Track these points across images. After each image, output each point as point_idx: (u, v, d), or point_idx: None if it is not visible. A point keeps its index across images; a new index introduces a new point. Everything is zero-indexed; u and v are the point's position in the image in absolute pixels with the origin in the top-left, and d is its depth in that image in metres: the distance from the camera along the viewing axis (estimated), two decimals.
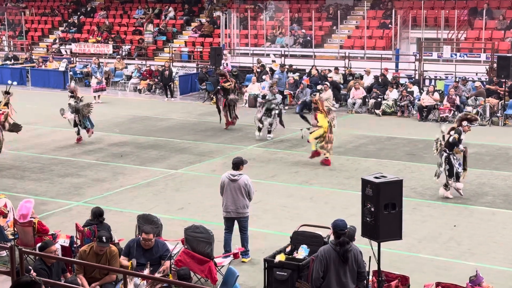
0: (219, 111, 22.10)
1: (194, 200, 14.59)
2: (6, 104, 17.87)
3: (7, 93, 18.15)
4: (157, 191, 15.29)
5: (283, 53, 30.80)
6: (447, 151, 14.34)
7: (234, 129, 21.40)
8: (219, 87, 22.27)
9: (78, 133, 20.18)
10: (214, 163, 17.70)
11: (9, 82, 29.09)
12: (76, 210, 13.90)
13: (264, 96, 20.62)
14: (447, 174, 14.41)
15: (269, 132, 20.52)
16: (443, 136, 14.47)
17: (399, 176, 8.79)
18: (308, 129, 17.80)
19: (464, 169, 14.60)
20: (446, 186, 14.51)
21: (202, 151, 19.04)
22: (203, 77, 28.95)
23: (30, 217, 11.06)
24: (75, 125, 20.06)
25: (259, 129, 20.31)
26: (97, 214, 10.61)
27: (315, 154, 17.46)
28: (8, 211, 11.98)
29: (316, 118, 17.51)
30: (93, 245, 9.55)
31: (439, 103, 23.66)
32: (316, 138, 17.32)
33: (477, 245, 12.02)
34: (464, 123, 14.48)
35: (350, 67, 28.26)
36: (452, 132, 14.38)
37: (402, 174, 15.56)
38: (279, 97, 20.80)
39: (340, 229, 8.07)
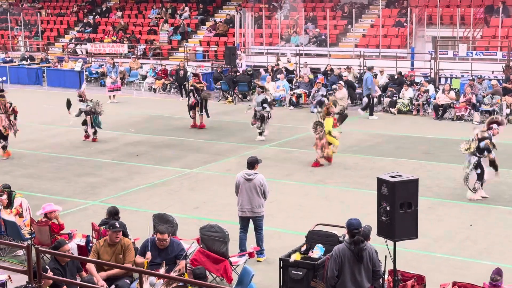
0: (189, 110, 22.20)
1: (209, 199, 14.61)
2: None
3: (1, 91, 18.33)
4: (172, 191, 15.33)
5: (298, 52, 30.76)
6: (478, 155, 14.11)
7: (248, 129, 21.36)
8: (191, 87, 22.32)
9: (93, 133, 20.26)
10: (229, 163, 17.71)
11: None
12: (92, 209, 13.96)
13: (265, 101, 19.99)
14: (476, 177, 14.18)
15: (260, 134, 20.12)
16: (475, 139, 14.18)
17: (414, 175, 8.76)
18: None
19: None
20: (474, 189, 14.32)
21: (217, 150, 19.06)
22: (218, 77, 28.98)
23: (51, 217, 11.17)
24: (84, 123, 20.14)
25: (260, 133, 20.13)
26: (113, 213, 10.66)
27: (329, 159, 17.33)
28: (24, 211, 12.05)
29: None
30: (106, 238, 9.65)
31: (455, 102, 23.54)
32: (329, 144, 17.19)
33: (494, 245, 11.95)
34: (494, 126, 14.28)
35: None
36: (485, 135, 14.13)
37: (417, 173, 15.46)
38: (262, 97, 20.08)
39: (355, 228, 8.05)
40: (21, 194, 12.59)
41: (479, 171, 14.11)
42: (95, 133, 20.32)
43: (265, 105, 19.84)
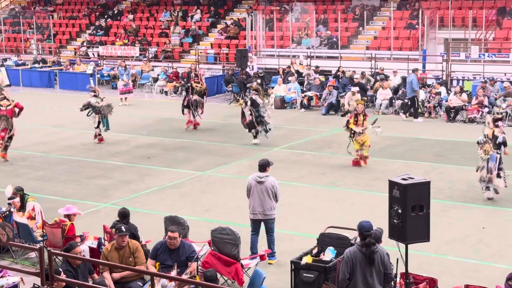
0: (183, 110, 22.23)
1: (220, 202, 14.62)
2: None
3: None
4: (183, 193, 15.35)
5: (309, 54, 30.74)
6: (498, 152, 14.15)
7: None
8: (189, 85, 22.38)
9: (100, 134, 20.41)
10: (240, 165, 17.72)
11: None
12: (103, 212, 14.01)
13: (253, 101, 19.78)
14: (498, 174, 14.24)
15: (255, 137, 19.92)
16: (487, 139, 14.15)
17: (426, 177, 8.73)
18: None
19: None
20: (488, 188, 14.33)
21: (228, 153, 19.07)
22: (229, 79, 29.01)
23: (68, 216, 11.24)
24: (98, 125, 20.33)
25: (255, 136, 19.91)
26: (123, 215, 10.69)
27: (357, 163, 17.32)
28: (36, 214, 12.10)
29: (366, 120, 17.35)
30: (114, 242, 9.67)
31: (467, 104, 23.45)
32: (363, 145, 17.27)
33: (506, 247, 11.88)
34: (500, 123, 14.29)
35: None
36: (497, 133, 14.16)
37: (429, 176, 15.42)
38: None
39: (366, 230, 8.02)
40: (34, 197, 12.65)
41: (501, 165, 14.24)
42: (100, 133, 20.46)
43: (258, 108, 19.56)
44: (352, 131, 17.17)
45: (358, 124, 17.14)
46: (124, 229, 9.64)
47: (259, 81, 21.23)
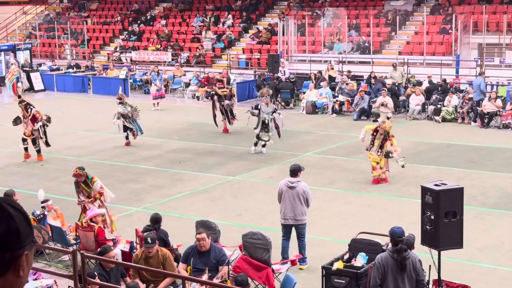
0: (214, 117, 22.22)
1: (251, 207, 14.63)
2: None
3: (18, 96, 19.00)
4: (214, 198, 15.40)
5: (341, 59, 30.66)
6: None
7: (290, 137, 21.35)
8: (213, 92, 22.37)
9: (127, 138, 20.68)
10: (271, 170, 17.72)
11: None
12: (136, 216, 14.11)
13: (256, 107, 19.64)
14: None
15: (264, 146, 19.48)
16: None
17: (459, 183, 8.65)
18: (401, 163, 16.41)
19: None
20: None
21: (259, 157, 19.08)
22: (261, 84, 29.04)
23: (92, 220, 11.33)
24: (125, 130, 20.55)
25: (255, 144, 19.55)
26: (155, 220, 10.75)
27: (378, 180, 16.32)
28: (105, 192, 12.34)
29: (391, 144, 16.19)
30: (143, 249, 9.71)
31: (501, 110, 23.17)
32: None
33: None
34: None
35: (412, 76, 27.65)
36: None
37: (462, 182, 15.25)
38: (271, 108, 19.61)
39: (398, 236, 7.97)
40: (95, 176, 12.76)
41: None
42: (127, 137, 20.66)
43: (274, 114, 19.27)
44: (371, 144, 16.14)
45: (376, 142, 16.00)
46: (150, 241, 9.51)
47: (270, 90, 21.11)
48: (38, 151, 18.97)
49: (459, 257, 10.90)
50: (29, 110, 18.66)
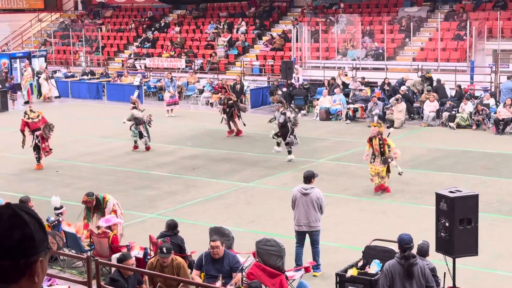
0: (230, 122, 22.75)
1: (265, 213, 14.61)
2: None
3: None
4: (228, 204, 15.40)
5: (355, 66, 30.62)
6: None
7: (304, 143, 21.31)
8: (231, 101, 22.82)
9: (136, 142, 20.96)
10: (285, 176, 17.70)
11: None
12: (149, 222, 14.13)
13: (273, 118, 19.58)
14: None
15: (289, 152, 19.09)
16: None
17: (474, 190, 8.60)
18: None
19: None
20: None
21: (273, 164, 19.07)
22: (274, 91, 29.05)
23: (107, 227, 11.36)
24: (140, 136, 20.63)
25: (278, 144, 19.54)
26: (172, 227, 10.77)
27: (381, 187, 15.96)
28: (117, 208, 12.28)
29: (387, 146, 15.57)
30: (158, 257, 9.71)
31: None
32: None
33: None
34: None
35: (427, 72, 27.53)
36: None
37: (477, 189, 15.16)
38: (288, 114, 19.22)
39: (406, 243, 7.94)
40: (106, 195, 12.69)
41: None
42: (136, 141, 20.80)
43: (286, 120, 19.02)
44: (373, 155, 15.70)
45: (375, 149, 15.54)
46: (165, 251, 9.47)
47: (280, 92, 21.12)
48: (38, 159, 19.00)
49: (474, 264, 10.83)
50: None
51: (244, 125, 22.74)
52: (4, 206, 2.33)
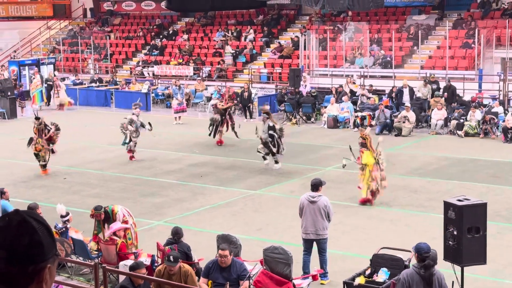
0: (233, 128, 22.68)
1: (272, 221, 14.60)
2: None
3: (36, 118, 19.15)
4: (235, 212, 15.39)
5: (363, 74, 30.60)
6: None
7: (311, 151, 21.27)
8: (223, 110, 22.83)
9: (125, 144, 20.80)
10: (292, 184, 17.69)
11: None
12: (157, 229, 14.14)
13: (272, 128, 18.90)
14: None
15: (276, 162, 18.94)
16: None
17: (482, 199, 8.57)
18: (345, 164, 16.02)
19: None
20: None
21: (280, 172, 19.05)
22: (282, 98, 29.07)
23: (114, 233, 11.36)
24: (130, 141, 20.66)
25: (264, 158, 18.99)
26: (173, 233, 10.77)
27: (366, 200, 15.58)
28: (128, 217, 12.14)
29: (360, 157, 15.54)
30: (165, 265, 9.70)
31: None
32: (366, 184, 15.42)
33: None
34: None
35: (432, 76, 27.50)
36: None
37: (486, 197, 15.07)
38: (271, 124, 18.91)
39: (425, 252, 7.89)
40: (114, 206, 12.54)
41: None
42: (125, 144, 20.86)
43: (271, 132, 18.70)
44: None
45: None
46: (172, 259, 9.42)
47: (267, 106, 20.99)
48: (44, 166, 19.05)
49: (482, 273, 10.79)
50: (46, 131, 18.83)
51: (238, 137, 22.52)
52: (13, 213, 2.34)
